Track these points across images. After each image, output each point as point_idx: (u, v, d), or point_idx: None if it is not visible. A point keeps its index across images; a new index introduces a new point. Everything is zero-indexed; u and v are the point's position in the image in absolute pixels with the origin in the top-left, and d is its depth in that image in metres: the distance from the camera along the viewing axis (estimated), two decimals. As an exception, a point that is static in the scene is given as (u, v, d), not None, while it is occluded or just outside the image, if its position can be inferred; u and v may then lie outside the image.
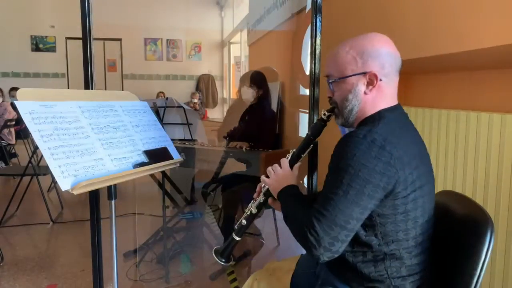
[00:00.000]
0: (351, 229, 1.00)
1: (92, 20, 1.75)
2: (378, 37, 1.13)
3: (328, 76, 1.17)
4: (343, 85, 1.13)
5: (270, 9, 4.59)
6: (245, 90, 2.90)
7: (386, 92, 1.12)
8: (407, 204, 1.03)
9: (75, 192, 1.20)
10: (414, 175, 1.02)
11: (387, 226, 1.04)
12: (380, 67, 1.09)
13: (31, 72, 8.93)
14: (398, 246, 1.06)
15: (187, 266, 2.74)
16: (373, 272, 1.07)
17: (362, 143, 0.99)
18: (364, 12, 2.48)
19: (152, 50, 9.58)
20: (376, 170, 0.97)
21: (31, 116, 1.24)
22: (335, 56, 1.15)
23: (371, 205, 1.00)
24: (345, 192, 0.98)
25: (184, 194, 3.14)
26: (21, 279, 2.55)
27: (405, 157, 1.01)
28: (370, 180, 0.97)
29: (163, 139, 1.74)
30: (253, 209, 1.32)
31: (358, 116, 1.13)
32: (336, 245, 0.98)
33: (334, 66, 1.15)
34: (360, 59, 1.10)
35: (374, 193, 0.98)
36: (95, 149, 1.37)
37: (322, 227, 0.97)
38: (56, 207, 4.00)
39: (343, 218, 0.98)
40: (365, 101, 1.11)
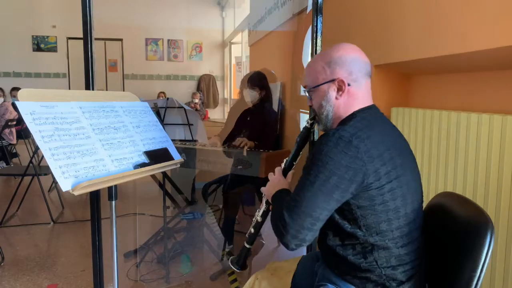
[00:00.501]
0: (317, 218, 1.05)
1: (93, 20, 1.75)
2: (345, 46, 1.22)
3: (305, 87, 1.27)
4: (317, 93, 1.22)
5: (271, 9, 4.59)
6: (247, 92, 2.90)
7: (357, 95, 1.19)
8: (384, 195, 1.07)
9: (76, 192, 1.20)
10: (388, 167, 1.07)
11: (368, 218, 1.08)
12: (348, 73, 1.17)
13: (32, 72, 8.93)
14: (383, 236, 1.09)
15: (187, 267, 2.74)
16: (363, 263, 1.11)
17: (331, 140, 1.06)
18: (365, 13, 2.48)
19: (153, 50, 9.58)
20: (342, 163, 1.03)
21: (32, 117, 1.24)
22: (309, 67, 1.25)
23: (336, 196, 1.05)
24: (312, 182, 1.05)
25: (184, 195, 3.14)
26: (21, 279, 2.55)
27: (374, 150, 1.06)
28: (336, 172, 1.03)
29: (163, 140, 1.74)
30: (259, 218, 1.39)
31: (334, 120, 1.22)
32: (303, 232, 1.05)
33: (308, 77, 1.25)
34: (328, 67, 1.19)
35: (340, 184, 1.04)
36: (95, 150, 1.37)
37: (290, 214, 1.05)
38: (57, 207, 4.00)
39: (309, 206, 1.04)
40: (337, 106, 1.20)
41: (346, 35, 2.69)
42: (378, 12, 2.30)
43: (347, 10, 2.71)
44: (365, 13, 2.46)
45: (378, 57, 2.31)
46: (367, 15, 2.44)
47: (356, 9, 2.59)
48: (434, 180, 1.80)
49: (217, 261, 2.80)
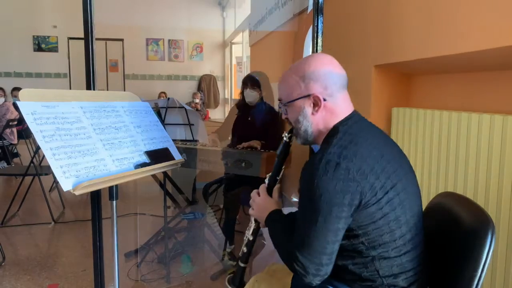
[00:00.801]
0: (330, 253, 1.03)
1: (94, 21, 1.76)
2: (320, 58, 1.16)
3: (279, 100, 1.22)
4: (292, 108, 1.18)
5: (272, 9, 4.59)
6: (248, 92, 2.90)
7: (335, 109, 1.15)
8: (383, 208, 1.04)
9: (77, 192, 1.21)
10: (382, 179, 1.03)
11: (371, 233, 1.06)
12: (323, 88, 1.13)
13: (33, 72, 8.94)
14: (386, 248, 1.07)
15: (188, 266, 2.74)
16: (364, 272, 1.09)
17: (318, 169, 1.02)
18: (365, 13, 2.48)
19: (154, 50, 9.58)
20: (337, 190, 1.00)
21: (33, 117, 1.24)
22: (283, 80, 1.19)
23: (341, 225, 1.02)
24: (315, 221, 1.01)
25: (185, 195, 3.14)
26: (22, 279, 2.55)
27: (365, 165, 1.02)
28: (334, 201, 1.00)
29: (164, 140, 1.74)
30: (250, 236, 1.38)
31: (316, 135, 1.17)
32: (322, 269, 1.03)
33: (283, 90, 1.19)
34: (303, 82, 1.14)
35: (341, 212, 1.01)
36: (96, 150, 1.37)
37: (305, 256, 1.02)
38: (58, 207, 4.01)
39: (320, 245, 1.02)
40: (316, 121, 1.15)
41: (347, 35, 2.69)
42: (379, 12, 2.30)
43: (347, 10, 2.71)
44: (366, 13, 2.46)
45: (379, 57, 2.31)
46: (367, 15, 2.44)
47: (356, 9, 2.59)
48: (435, 180, 1.80)
49: (217, 261, 2.80)
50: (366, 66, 2.43)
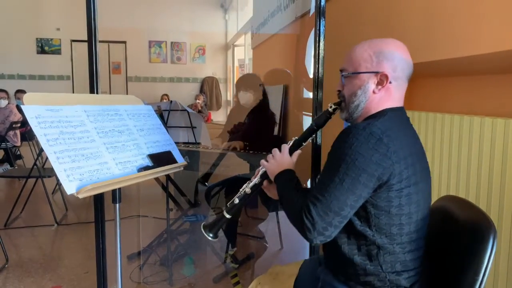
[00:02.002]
0: (345, 216, 1.04)
1: (97, 23, 1.77)
2: (396, 42, 1.19)
3: (342, 70, 1.21)
4: (355, 81, 1.17)
5: (274, 12, 4.60)
6: (242, 95, 2.92)
7: (393, 94, 1.16)
8: (401, 198, 1.06)
9: (80, 196, 1.22)
10: (409, 171, 1.06)
11: (381, 219, 1.08)
12: (392, 70, 1.14)
13: (37, 75, 8.99)
14: (391, 240, 1.09)
15: (190, 269, 2.75)
16: (368, 265, 1.10)
17: (361, 134, 1.04)
18: (367, 16, 2.48)
19: (156, 53, 9.62)
20: (372, 160, 1.02)
21: (37, 121, 1.25)
22: (353, 52, 1.19)
23: (365, 194, 1.04)
24: (341, 180, 1.02)
25: (187, 197, 3.15)
26: (25, 281, 2.56)
27: (401, 151, 1.05)
28: (366, 169, 1.02)
29: (167, 143, 1.75)
30: (247, 189, 1.34)
31: (363, 113, 1.18)
32: (329, 230, 1.04)
33: (349, 61, 1.19)
34: (376, 58, 1.15)
35: (369, 182, 1.02)
36: (100, 153, 1.38)
37: (318, 211, 1.02)
38: (61, 209, 4.01)
39: (338, 205, 1.02)
40: (372, 99, 1.16)
41: (349, 38, 2.70)
42: (380, 14, 2.30)
43: (349, 13, 2.71)
44: (367, 16, 2.46)
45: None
46: (369, 18, 2.44)
47: (358, 12, 2.60)
48: (437, 183, 1.80)
49: (220, 264, 2.80)
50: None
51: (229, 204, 1.34)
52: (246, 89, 2.90)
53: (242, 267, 2.77)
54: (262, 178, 1.33)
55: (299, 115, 3.44)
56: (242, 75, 3.32)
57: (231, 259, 2.77)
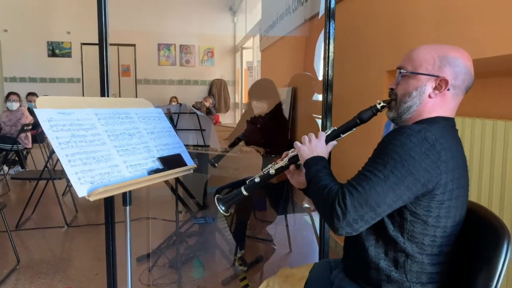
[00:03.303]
0: (379, 213, 1.01)
1: (108, 27, 1.78)
2: (463, 50, 1.15)
3: (400, 68, 1.18)
4: (412, 81, 1.14)
5: (283, 15, 4.60)
6: (255, 104, 2.92)
7: (448, 102, 1.13)
8: (441, 210, 1.04)
9: (92, 198, 1.22)
10: (454, 184, 1.04)
11: (416, 227, 1.05)
12: (453, 77, 1.10)
13: (47, 77, 9.09)
14: (421, 250, 1.06)
15: (199, 271, 2.75)
16: (393, 272, 1.08)
17: (415, 136, 1.01)
18: (378, 18, 2.47)
19: (165, 56, 9.68)
20: (422, 165, 0.99)
21: (49, 124, 1.27)
22: (415, 51, 1.16)
23: (405, 197, 1.00)
24: (385, 177, 0.99)
25: (196, 199, 3.16)
26: (36, 282, 2.58)
27: (450, 163, 1.02)
28: (413, 172, 0.98)
29: (177, 146, 1.76)
30: (272, 170, 1.30)
31: (413, 116, 1.14)
32: (359, 223, 1.00)
33: (409, 60, 1.16)
34: (439, 61, 1.11)
35: (413, 186, 0.99)
36: (111, 156, 1.39)
37: (353, 201, 0.98)
38: (71, 211, 4.05)
39: (376, 200, 0.99)
40: (425, 103, 1.12)
41: (359, 40, 2.69)
42: (391, 17, 2.29)
43: (359, 15, 2.70)
44: (378, 18, 2.45)
45: (391, 62, 2.30)
46: (379, 20, 2.43)
47: (368, 14, 2.59)
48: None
49: (229, 266, 2.80)
50: (378, 71, 2.42)
51: (248, 181, 1.31)
52: (259, 99, 2.90)
53: (251, 269, 2.76)
54: (290, 162, 1.29)
55: (309, 118, 3.43)
56: (255, 83, 3.30)
57: (239, 262, 2.77)
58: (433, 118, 1.11)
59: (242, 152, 2.85)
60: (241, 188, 1.30)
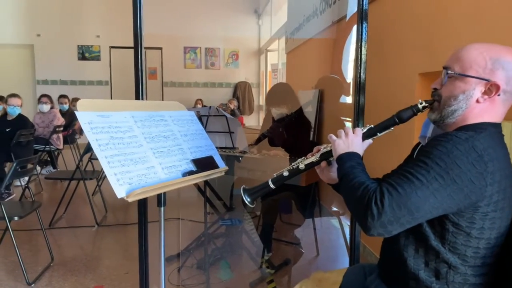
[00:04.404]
0: (416, 218, 0.97)
1: (143, 32, 1.82)
2: None
3: (446, 68, 1.11)
4: (459, 83, 1.08)
5: (310, 17, 4.59)
6: (275, 111, 2.92)
7: (497, 108, 1.07)
8: (485, 222, 1.00)
9: (130, 199, 1.25)
10: (500, 195, 1.00)
11: (459, 238, 1.02)
12: (506, 82, 1.04)
13: (77, 80, 9.35)
14: (463, 261, 1.03)
15: (227, 273, 2.76)
16: (434, 283, 1.05)
17: (462, 145, 0.97)
18: (410, 19, 2.43)
19: (191, 59, 9.80)
20: (467, 175, 0.95)
21: (90, 126, 1.30)
22: (465, 51, 1.08)
23: (445, 205, 0.97)
24: (428, 182, 0.95)
25: (223, 201, 3.18)
26: (70, 280, 2.66)
27: (497, 173, 0.98)
28: (457, 182, 0.95)
29: (209, 148, 1.77)
30: (301, 165, 1.26)
31: (458, 121, 1.09)
32: (394, 225, 0.96)
33: (458, 60, 1.08)
34: (491, 64, 1.04)
35: (455, 195, 0.96)
36: (147, 158, 1.41)
37: (391, 202, 0.95)
38: (100, 211, 4.14)
39: (416, 205, 0.95)
40: (472, 108, 1.07)
41: (390, 41, 2.65)
42: (424, 17, 2.25)
43: (390, 16, 2.67)
44: (410, 19, 2.41)
45: (423, 64, 2.26)
46: (412, 21, 2.39)
47: (400, 15, 2.55)
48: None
49: (256, 269, 2.80)
50: (410, 74, 2.38)
51: (276, 175, 1.28)
52: (278, 105, 2.91)
53: (278, 272, 2.76)
54: (322, 158, 1.25)
55: (337, 120, 3.40)
56: (271, 89, 3.30)
57: (266, 264, 2.77)
58: (480, 124, 1.05)
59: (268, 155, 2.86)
60: (268, 180, 1.28)
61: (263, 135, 3.01)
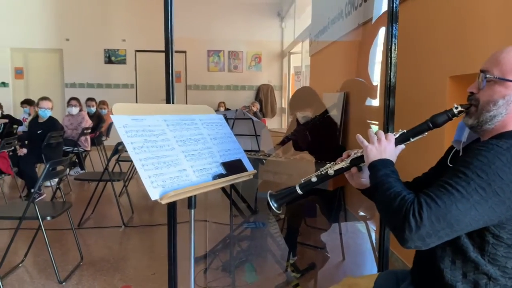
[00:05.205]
0: (456, 231, 0.95)
1: (174, 36, 1.85)
2: None
3: (484, 71, 1.07)
4: (498, 87, 1.04)
5: (335, 19, 4.56)
6: (299, 115, 2.92)
7: None
8: None
9: (163, 201, 1.27)
10: None
11: (499, 250, 0.99)
12: None
13: (104, 83, 9.56)
14: (504, 273, 1.00)
15: (252, 276, 2.77)
16: None
17: (504, 155, 0.94)
18: (440, 20, 2.39)
19: (214, 62, 9.89)
20: (510, 186, 0.92)
21: (125, 129, 1.33)
22: (506, 53, 1.05)
23: (487, 218, 0.94)
24: (469, 194, 0.92)
25: (248, 203, 3.18)
26: (99, 279, 2.71)
27: None
28: (499, 194, 0.92)
29: (237, 151, 1.79)
30: (331, 170, 1.24)
31: (497, 127, 1.05)
32: (432, 238, 0.93)
33: (497, 64, 1.05)
34: None
35: (497, 207, 0.93)
36: (179, 161, 1.44)
37: (430, 214, 0.92)
38: (126, 212, 4.21)
39: (456, 217, 0.92)
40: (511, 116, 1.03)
41: (419, 43, 2.61)
42: (455, 18, 2.20)
43: (420, 17, 2.63)
44: (440, 20, 2.37)
45: (455, 67, 2.21)
46: (442, 22, 2.35)
47: (430, 16, 2.50)
48: None
49: (281, 272, 2.79)
50: (440, 77, 2.34)
51: (304, 180, 1.26)
52: (302, 109, 2.90)
53: (304, 277, 2.74)
54: (352, 164, 1.23)
55: (363, 123, 3.36)
56: (294, 95, 3.29)
57: (292, 268, 2.75)
58: None
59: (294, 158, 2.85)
60: (296, 186, 1.26)
61: (287, 138, 3.01)
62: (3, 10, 9.08)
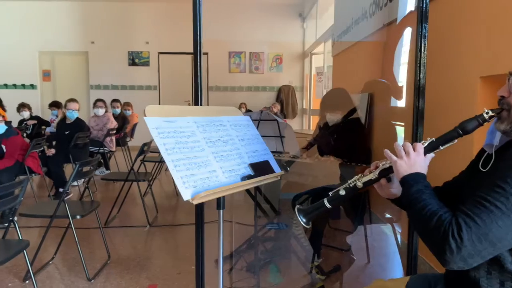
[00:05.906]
0: (499, 249, 0.92)
1: (202, 40, 1.88)
2: None
3: None
4: None
5: (359, 19, 4.52)
6: (329, 116, 2.91)
7: None
8: None
9: (195, 202, 1.29)
10: None
11: None
12: None
13: (128, 85, 9.74)
14: None
15: (277, 277, 2.77)
16: None
17: None
18: (470, 19, 2.34)
19: (236, 63, 9.94)
20: None
21: (158, 131, 1.36)
22: None
23: None
24: (509, 209, 0.90)
25: (271, 204, 3.19)
26: (126, 277, 2.76)
27: None
28: None
29: (265, 153, 1.79)
30: (359, 183, 1.22)
31: None
32: (475, 258, 0.91)
33: None
34: None
35: None
36: (209, 162, 1.45)
37: (470, 235, 0.90)
38: (151, 211, 4.27)
39: (498, 236, 0.90)
40: None
41: (448, 43, 2.56)
42: (487, 17, 2.16)
43: (449, 16, 2.58)
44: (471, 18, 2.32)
45: (486, 67, 2.16)
46: (472, 20, 2.30)
47: (459, 14, 2.45)
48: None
49: (305, 273, 2.79)
50: (470, 77, 2.29)
51: (332, 193, 1.25)
52: (333, 111, 2.89)
53: (329, 279, 2.72)
54: (380, 176, 1.21)
55: (388, 125, 3.32)
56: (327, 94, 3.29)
57: (317, 270, 2.74)
58: None
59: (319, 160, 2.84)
60: (324, 200, 1.24)
61: (310, 144, 3.01)
62: (32, 16, 9.38)
